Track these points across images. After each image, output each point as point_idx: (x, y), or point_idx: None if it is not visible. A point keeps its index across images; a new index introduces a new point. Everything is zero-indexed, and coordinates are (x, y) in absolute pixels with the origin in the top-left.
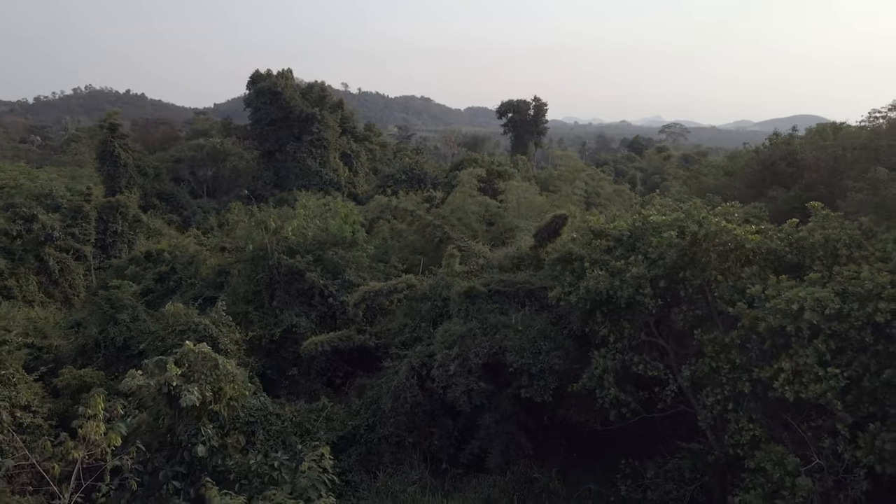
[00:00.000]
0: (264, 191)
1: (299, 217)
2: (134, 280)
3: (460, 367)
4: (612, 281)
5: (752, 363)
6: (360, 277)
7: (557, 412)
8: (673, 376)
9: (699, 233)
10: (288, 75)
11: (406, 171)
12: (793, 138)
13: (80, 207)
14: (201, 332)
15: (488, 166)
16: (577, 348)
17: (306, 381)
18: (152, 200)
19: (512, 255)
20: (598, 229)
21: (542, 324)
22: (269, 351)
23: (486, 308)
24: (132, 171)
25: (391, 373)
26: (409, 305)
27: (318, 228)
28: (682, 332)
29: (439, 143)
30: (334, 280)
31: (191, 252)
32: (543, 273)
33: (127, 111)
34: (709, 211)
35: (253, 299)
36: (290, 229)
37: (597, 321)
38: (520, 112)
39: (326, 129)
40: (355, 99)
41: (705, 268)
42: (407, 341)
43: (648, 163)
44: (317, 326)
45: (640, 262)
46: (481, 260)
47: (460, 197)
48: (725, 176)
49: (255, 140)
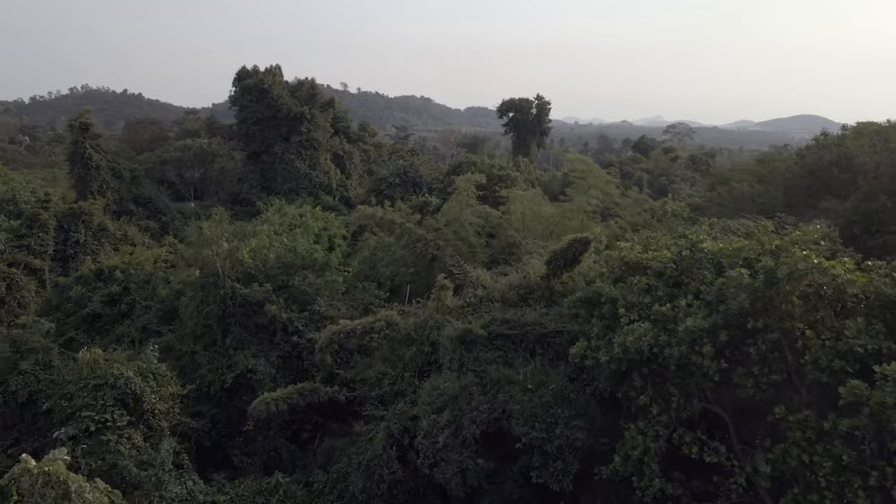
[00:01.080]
0: (250, 194)
1: (261, 235)
2: (79, 304)
3: (452, 439)
4: (658, 335)
5: (868, 462)
6: (332, 308)
7: (580, 501)
8: (739, 464)
9: (778, 270)
10: (276, 72)
11: (400, 174)
12: (844, 139)
13: (37, 215)
14: (121, 387)
15: (488, 170)
16: (604, 414)
17: (265, 438)
18: (128, 206)
19: (518, 284)
20: (633, 260)
21: (558, 381)
22: (220, 400)
23: (486, 357)
24: (105, 173)
25: (364, 440)
26: (389, 348)
27: (284, 248)
28: (750, 402)
29: (438, 144)
30: (301, 312)
31: (147, 270)
32: (559, 312)
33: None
34: (781, 237)
35: (203, 335)
36: (248, 251)
37: (634, 385)
38: (521, 111)
39: (317, 128)
40: (355, 99)
41: (785, 317)
42: (386, 396)
43: (655, 164)
44: (278, 370)
45: (697, 310)
46: (480, 291)
47: (457, 207)
48: (759, 183)
49: (241, 140)
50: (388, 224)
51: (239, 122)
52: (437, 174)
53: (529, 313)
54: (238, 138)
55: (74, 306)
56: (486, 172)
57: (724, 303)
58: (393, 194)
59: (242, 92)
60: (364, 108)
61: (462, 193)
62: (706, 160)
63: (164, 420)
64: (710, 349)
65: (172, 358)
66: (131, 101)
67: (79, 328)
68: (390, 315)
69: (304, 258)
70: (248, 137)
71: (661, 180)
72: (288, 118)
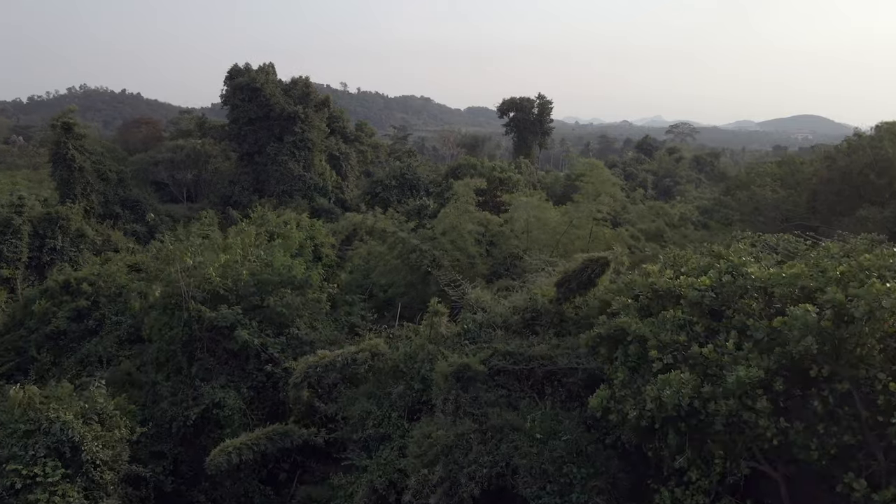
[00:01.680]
0: (241, 197)
1: (233, 249)
2: (43, 320)
3: (446, 499)
4: (700, 385)
5: None
6: (313, 331)
7: None
8: None
9: (853, 308)
10: (269, 70)
11: (396, 176)
12: (881, 140)
13: (10, 221)
14: (56, 434)
15: (489, 173)
16: (628, 472)
17: (234, 482)
18: (114, 209)
19: (523, 307)
20: (664, 289)
21: (572, 429)
22: (185, 437)
23: (486, 398)
24: (89, 175)
25: (342, 496)
26: (375, 382)
27: (259, 263)
28: (812, 466)
29: (437, 144)
30: (277, 336)
31: (119, 282)
32: (572, 344)
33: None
34: (847, 260)
35: (166, 362)
36: (216, 267)
37: (668, 443)
38: (523, 110)
39: (311, 128)
40: (354, 99)
41: (859, 364)
42: (370, 440)
43: (659, 165)
44: (249, 404)
45: (748, 353)
46: (479, 315)
47: (454, 214)
48: (783, 188)
49: (233, 141)
50: (379, 233)
51: (230, 122)
52: (435, 176)
53: (537, 345)
54: (230, 139)
55: (38, 322)
56: (486, 175)
57: (782, 346)
58: (389, 197)
59: (234, 91)
60: (364, 108)
61: (461, 199)
62: (711, 161)
63: (110, 471)
64: (766, 405)
65: (133, 388)
66: (130, 101)
67: (42, 347)
68: (376, 344)
69: (282, 274)
70: (240, 138)
71: (665, 181)
72: (281, 118)
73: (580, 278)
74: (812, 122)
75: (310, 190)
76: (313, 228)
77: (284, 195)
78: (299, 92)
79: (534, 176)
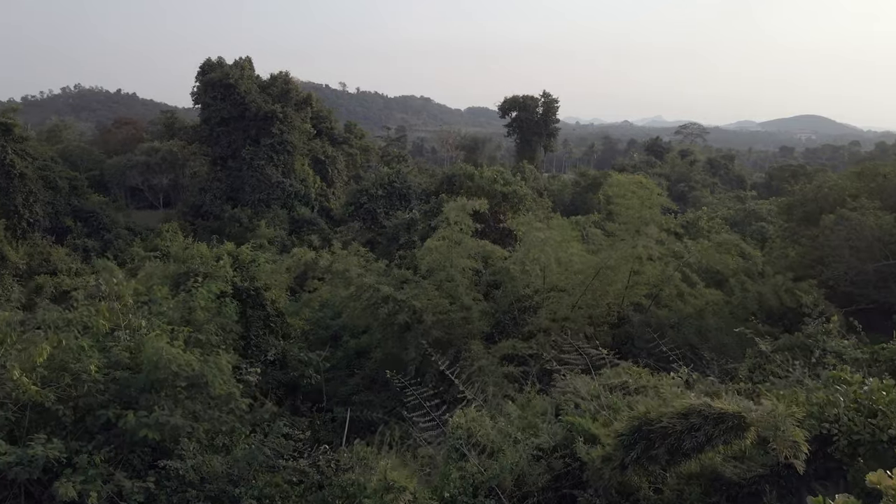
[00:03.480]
0: (213, 206)
1: (67, 332)
2: None
3: None
4: None
5: None
6: (208, 461)
7: None
8: None
9: None
10: (245, 65)
11: (384, 184)
12: None
13: None
14: None
15: (489, 186)
16: None
17: None
18: (63, 221)
19: (550, 450)
20: None
21: None
22: None
23: None
24: (33, 183)
25: None
26: None
27: (120, 349)
28: None
29: (436, 145)
30: (138, 480)
31: None
32: None
33: (116, 111)
34: None
35: None
36: (39, 363)
37: None
38: (526, 110)
39: (291, 129)
40: (354, 99)
41: None
42: None
43: (672, 168)
44: None
45: None
46: (474, 461)
47: (444, 246)
48: (883, 209)
49: (204, 143)
50: (339, 275)
51: (202, 123)
52: (429, 183)
53: None
54: (200, 140)
55: None
56: (485, 189)
57: None
58: (375, 208)
59: (205, 87)
60: (363, 108)
61: (452, 227)
62: (725, 164)
63: None
64: None
65: None
66: (125, 101)
67: None
68: None
69: (160, 367)
70: (212, 140)
71: (679, 186)
72: (257, 117)
73: (670, 443)
74: (814, 122)
75: (290, 198)
76: (255, 267)
77: (261, 204)
78: (278, 89)
79: (539, 182)
